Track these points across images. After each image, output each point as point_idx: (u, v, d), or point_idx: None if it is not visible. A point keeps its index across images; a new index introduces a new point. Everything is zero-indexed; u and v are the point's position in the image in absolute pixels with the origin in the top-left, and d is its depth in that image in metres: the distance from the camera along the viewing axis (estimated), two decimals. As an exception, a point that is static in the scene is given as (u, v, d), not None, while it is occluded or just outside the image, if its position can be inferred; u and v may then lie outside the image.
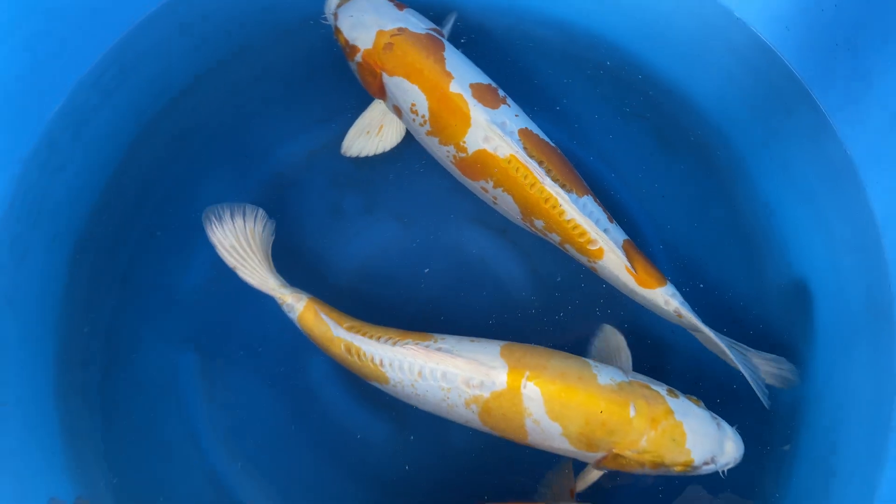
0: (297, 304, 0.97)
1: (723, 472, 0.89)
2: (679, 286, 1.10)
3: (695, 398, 0.88)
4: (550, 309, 1.08)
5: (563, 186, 0.99)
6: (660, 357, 1.06)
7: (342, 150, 1.11)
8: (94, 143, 1.09)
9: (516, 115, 1.03)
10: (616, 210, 1.13)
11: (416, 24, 1.06)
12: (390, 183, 1.16)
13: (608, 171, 1.16)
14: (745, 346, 0.97)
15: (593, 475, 0.93)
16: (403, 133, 1.10)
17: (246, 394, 1.06)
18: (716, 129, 1.15)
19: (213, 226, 0.99)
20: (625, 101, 1.20)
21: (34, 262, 1.02)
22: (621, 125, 1.19)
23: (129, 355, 1.07)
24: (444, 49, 1.04)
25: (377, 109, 1.10)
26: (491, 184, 1.02)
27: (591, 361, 0.90)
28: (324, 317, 0.96)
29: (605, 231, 0.98)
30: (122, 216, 1.10)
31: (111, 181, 1.10)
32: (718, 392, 1.02)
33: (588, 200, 1.01)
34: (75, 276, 1.07)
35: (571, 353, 0.92)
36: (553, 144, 1.04)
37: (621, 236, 1.01)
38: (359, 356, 0.92)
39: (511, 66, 1.20)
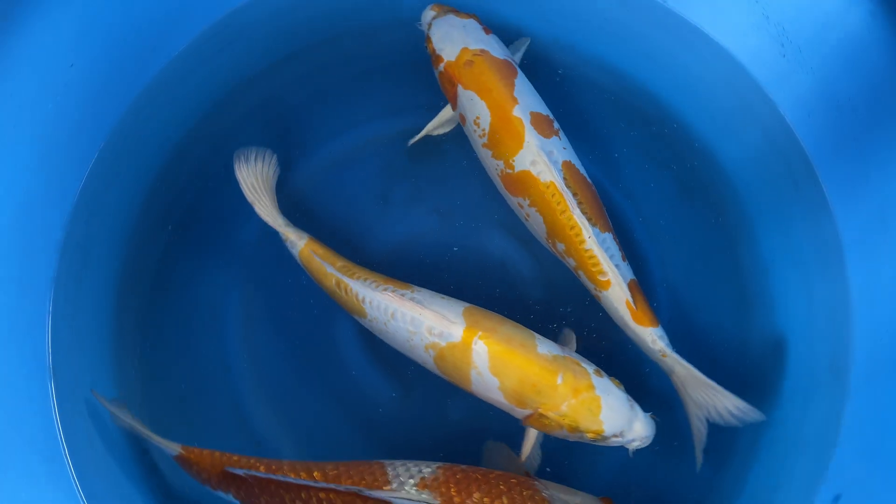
0: (299, 242, 1.13)
1: (630, 451, 1.01)
2: (672, 321, 1.24)
3: (617, 381, 1.01)
4: (548, 319, 1.19)
5: (589, 219, 1.09)
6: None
7: (409, 143, 1.25)
8: (178, 106, 1.23)
9: (564, 148, 1.14)
10: (630, 244, 1.25)
11: (498, 49, 1.18)
12: (436, 180, 1.29)
13: (630, 208, 1.28)
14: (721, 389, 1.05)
15: (531, 438, 1.07)
16: (456, 122, 1.23)
17: (277, 342, 1.20)
18: (732, 190, 1.27)
19: (241, 165, 1.15)
20: (657, 149, 1.31)
21: (119, 192, 1.18)
22: (649, 170, 1.30)
23: (181, 288, 1.21)
24: (516, 76, 1.16)
25: (446, 115, 1.23)
26: (527, 202, 1.13)
27: (536, 335, 1.04)
28: (320, 254, 1.12)
29: (617, 267, 1.09)
30: (195, 170, 1.25)
31: (188, 139, 1.25)
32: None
33: (608, 237, 1.11)
34: (147, 214, 1.22)
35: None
36: (589, 181, 1.14)
37: (629, 275, 1.11)
38: (346, 291, 1.08)
39: (563, 99, 1.30)
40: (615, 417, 0.99)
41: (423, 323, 1.02)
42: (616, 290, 1.08)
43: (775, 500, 1.08)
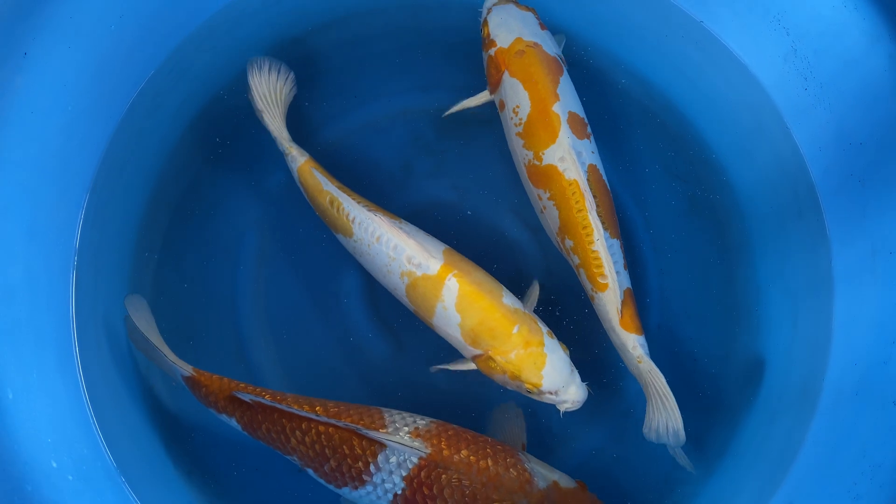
0: (300, 157, 1.19)
1: (560, 410, 1.08)
2: (661, 326, 1.29)
3: (565, 346, 1.09)
4: (537, 309, 1.22)
5: (602, 223, 1.13)
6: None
7: (444, 115, 1.29)
8: (221, 56, 1.28)
9: (592, 152, 1.18)
10: (633, 247, 1.30)
11: (550, 46, 1.21)
12: (460, 158, 1.33)
13: (639, 215, 1.33)
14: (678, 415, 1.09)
15: (466, 365, 1.14)
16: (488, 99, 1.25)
17: (284, 285, 1.26)
18: (739, 210, 1.31)
19: (254, 73, 1.21)
20: (673, 161, 1.35)
21: (162, 120, 1.23)
22: (663, 181, 1.35)
23: (203, 219, 1.27)
24: (562, 74, 1.19)
25: (481, 98, 1.26)
26: (547, 195, 1.16)
27: (504, 287, 1.11)
28: (319, 172, 1.18)
29: (618, 273, 1.13)
30: (230, 114, 1.30)
31: (227, 90, 1.30)
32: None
33: (616, 244, 1.15)
34: (185, 141, 1.28)
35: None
36: (609, 188, 1.18)
37: (626, 283, 1.15)
38: (338, 210, 1.14)
39: (591, 100, 1.31)
40: (555, 376, 1.06)
41: (405, 251, 1.09)
42: (611, 294, 1.13)
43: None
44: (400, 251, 1.10)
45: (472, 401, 1.23)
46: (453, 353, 1.16)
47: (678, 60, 1.35)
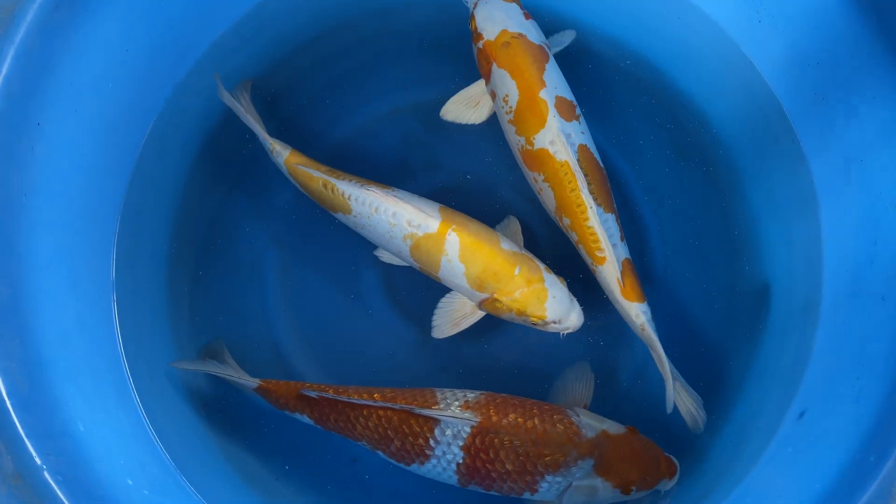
0: (284, 151, 1.27)
1: (562, 334, 1.17)
2: (668, 269, 1.35)
3: (562, 279, 1.18)
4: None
5: (595, 200, 1.17)
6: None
7: (441, 113, 1.32)
8: (198, 115, 1.34)
9: (582, 133, 1.22)
10: (626, 199, 1.36)
11: (534, 35, 1.25)
12: (453, 147, 1.40)
13: (629, 168, 1.39)
14: (683, 381, 1.17)
15: (476, 315, 1.22)
16: (491, 114, 1.30)
17: (311, 288, 1.35)
18: (723, 148, 1.37)
19: (222, 90, 1.26)
20: (655, 113, 1.41)
21: (171, 158, 1.32)
22: (648, 132, 1.40)
23: (228, 243, 1.36)
24: (547, 61, 1.24)
25: (479, 87, 1.30)
26: (542, 177, 1.21)
27: (499, 233, 1.19)
28: (304, 161, 1.25)
29: (614, 246, 1.18)
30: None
31: (214, 137, 1.37)
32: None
33: (611, 218, 1.20)
34: (195, 179, 1.36)
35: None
36: (602, 165, 1.22)
37: (624, 254, 1.20)
38: (332, 191, 1.21)
39: (569, 72, 1.36)
40: (557, 307, 1.15)
41: (404, 216, 1.17)
42: (610, 266, 1.18)
43: (754, 425, 1.19)
44: (399, 217, 1.17)
45: (495, 370, 1.31)
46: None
47: (640, 14, 1.40)
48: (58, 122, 1.07)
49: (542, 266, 1.18)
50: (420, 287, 1.32)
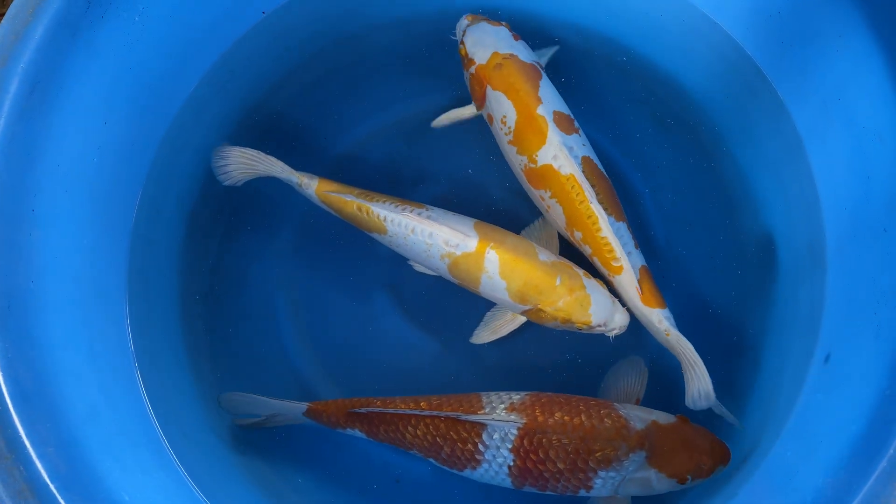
0: (311, 182, 1.28)
1: (611, 336, 1.18)
2: (670, 240, 1.36)
3: (601, 282, 1.18)
4: None
5: (605, 209, 1.17)
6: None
7: (433, 124, 1.36)
8: (209, 123, 1.38)
9: (583, 145, 1.23)
10: (618, 180, 1.35)
11: (525, 54, 1.26)
12: (437, 159, 1.42)
13: (613, 146, 1.40)
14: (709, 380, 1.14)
15: (516, 321, 1.24)
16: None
17: (325, 320, 1.37)
18: (702, 111, 1.38)
19: (220, 157, 1.27)
20: (631, 90, 1.43)
21: (165, 217, 1.33)
22: (626, 109, 1.42)
23: (236, 290, 1.38)
24: (541, 79, 1.25)
25: (466, 111, 1.33)
26: (548, 194, 1.22)
27: (534, 244, 1.20)
28: (335, 188, 1.26)
29: (629, 254, 1.19)
30: (226, 190, 1.36)
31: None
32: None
33: (622, 226, 1.20)
34: (193, 228, 1.37)
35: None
36: (606, 175, 1.23)
37: (640, 261, 1.21)
38: (367, 214, 1.23)
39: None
40: (600, 311, 1.16)
41: (440, 236, 1.18)
42: (627, 275, 1.18)
43: (783, 378, 1.20)
44: (436, 237, 1.19)
45: (519, 372, 1.32)
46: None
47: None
48: (51, 205, 1.08)
49: (580, 272, 1.19)
50: (431, 299, 1.35)
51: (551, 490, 1.12)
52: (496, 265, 1.17)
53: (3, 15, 1.48)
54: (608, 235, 1.17)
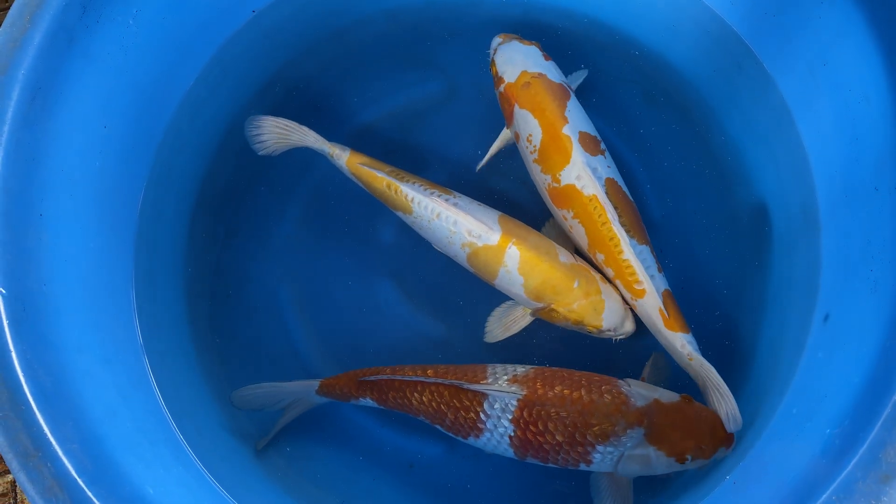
0: (343, 153, 1.30)
1: (614, 339, 1.21)
2: (666, 216, 1.38)
3: (616, 288, 1.20)
4: None
5: (627, 232, 1.17)
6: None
7: (477, 169, 1.36)
8: (205, 123, 1.39)
9: (608, 167, 1.22)
10: (613, 158, 1.37)
11: (555, 74, 1.27)
12: (435, 151, 1.44)
13: (606, 127, 1.41)
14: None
15: (527, 320, 1.25)
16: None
17: (330, 312, 1.38)
18: (690, 87, 1.41)
19: (254, 126, 1.30)
20: (619, 70, 1.45)
21: (167, 218, 1.34)
22: (616, 88, 1.45)
23: (240, 288, 1.40)
24: (568, 99, 1.25)
25: (504, 136, 1.32)
26: (571, 214, 1.22)
27: (555, 244, 1.22)
28: (367, 162, 1.28)
29: (652, 277, 1.18)
30: (229, 180, 1.42)
31: (217, 155, 1.42)
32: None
33: (645, 249, 1.19)
34: (195, 228, 1.39)
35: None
36: (630, 198, 1.23)
37: (664, 285, 1.19)
38: (396, 192, 1.24)
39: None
40: (612, 317, 1.19)
41: (464, 225, 1.20)
42: (650, 298, 1.18)
43: (784, 340, 1.22)
44: (460, 226, 1.21)
45: (530, 355, 1.33)
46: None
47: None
48: (57, 210, 1.09)
49: (597, 277, 1.21)
50: (436, 286, 1.37)
51: (553, 462, 1.13)
52: (516, 261, 1.19)
53: (6, 11, 1.49)
54: (630, 258, 1.17)
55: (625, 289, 1.21)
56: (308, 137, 1.31)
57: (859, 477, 0.86)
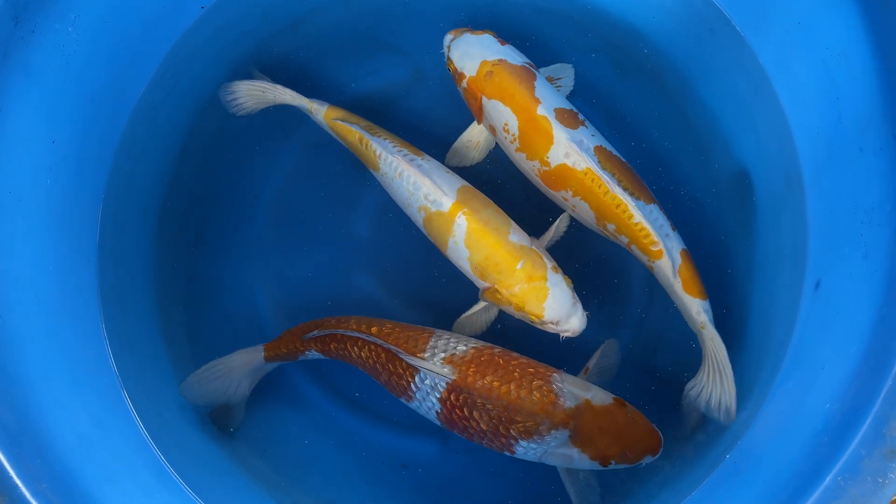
0: (321, 108, 1.28)
1: (561, 336, 1.15)
2: (653, 186, 1.35)
3: (569, 280, 1.14)
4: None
5: (631, 195, 1.14)
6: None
7: (445, 161, 1.31)
8: (162, 128, 1.33)
9: (592, 135, 1.18)
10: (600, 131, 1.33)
11: (515, 57, 1.22)
12: (408, 132, 1.35)
13: (576, 99, 1.37)
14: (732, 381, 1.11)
15: (488, 313, 1.24)
16: (492, 146, 1.30)
17: (312, 313, 1.30)
18: (661, 54, 1.37)
19: (228, 91, 1.30)
20: (587, 42, 1.40)
21: (131, 230, 1.29)
22: (584, 60, 1.40)
23: (216, 294, 1.36)
24: (535, 79, 1.20)
25: (475, 130, 1.29)
26: (570, 193, 1.18)
27: (513, 224, 1.17)
28: (342, 116, 1.27)
29: (667, 237, 1.15)
30: (193, 184, 1.38)
31: (179, 159, 1.37)
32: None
33: (654, 208, 1.16)
34: (162, 238, 1.34)
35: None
36: (624, 160, 1.19)
37: (680, 244, 1.17)
38: (366, 146, 1.22)
39: (496, 23, 1.37)
40: (556, 308, 1.12)
41: (422, 188, 1.17)
42: (666, 259, 1.15)
43: (776, 309, 1.19)
44: (418, 187, 1.17)
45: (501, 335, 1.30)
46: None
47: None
48: (8, 233, 1.04)
49: (549, 263, 1.15)
50: (414, 279, 1.35)
51: (478, 443, 1.12)
52: (463, 232, 1.15)
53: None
54: (641, 220, 1.14)
55: (641, 252, 1.17)
56: (285, 95, 1.29)
57: (864, 454, 0.83)
